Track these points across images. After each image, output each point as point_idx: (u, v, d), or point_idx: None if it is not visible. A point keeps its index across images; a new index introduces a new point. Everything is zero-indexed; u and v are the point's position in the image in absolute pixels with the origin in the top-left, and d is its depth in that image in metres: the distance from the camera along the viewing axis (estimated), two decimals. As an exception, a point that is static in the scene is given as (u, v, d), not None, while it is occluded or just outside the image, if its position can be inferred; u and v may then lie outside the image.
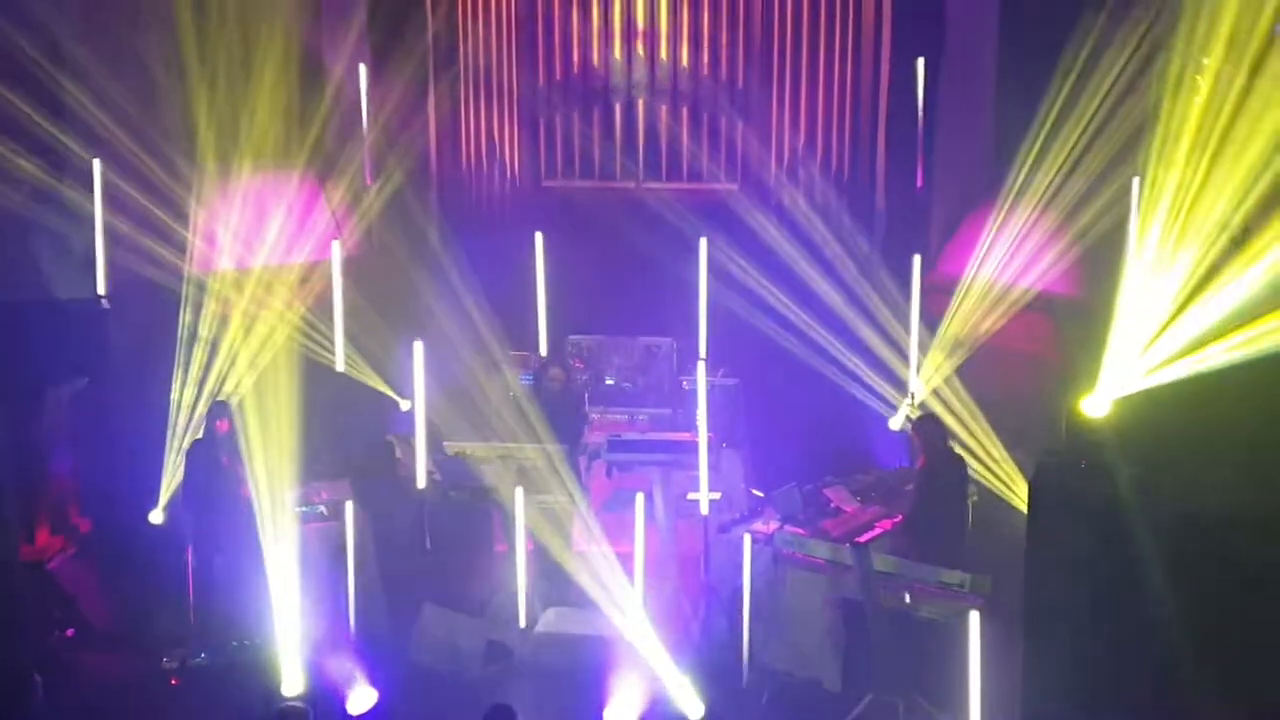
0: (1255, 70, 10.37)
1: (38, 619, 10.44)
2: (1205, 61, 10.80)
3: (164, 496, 11.40)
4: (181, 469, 11.02)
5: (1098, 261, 11.86)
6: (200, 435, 10.99)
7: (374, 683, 8.65)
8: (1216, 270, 10.00)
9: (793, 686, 10.01)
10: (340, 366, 12.80)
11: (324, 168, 14.00)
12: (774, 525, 10.27)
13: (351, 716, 8.42)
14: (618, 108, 14.86)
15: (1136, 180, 10.92)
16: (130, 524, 11.32)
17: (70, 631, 10.68)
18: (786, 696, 9.93)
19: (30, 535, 11.00)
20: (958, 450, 11.10)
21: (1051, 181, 12.65)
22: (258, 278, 12.80)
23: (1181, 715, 7.92)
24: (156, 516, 11.30)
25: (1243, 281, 9.41)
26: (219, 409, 10.93)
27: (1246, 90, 10.41)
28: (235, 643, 10.31)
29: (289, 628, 9.75)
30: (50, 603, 10.76)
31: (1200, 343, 9.10)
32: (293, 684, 9.59)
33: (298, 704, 8.02)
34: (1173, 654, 7.91)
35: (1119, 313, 9.81)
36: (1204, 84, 10.89)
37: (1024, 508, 8.92)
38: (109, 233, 11.80)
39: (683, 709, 9.20)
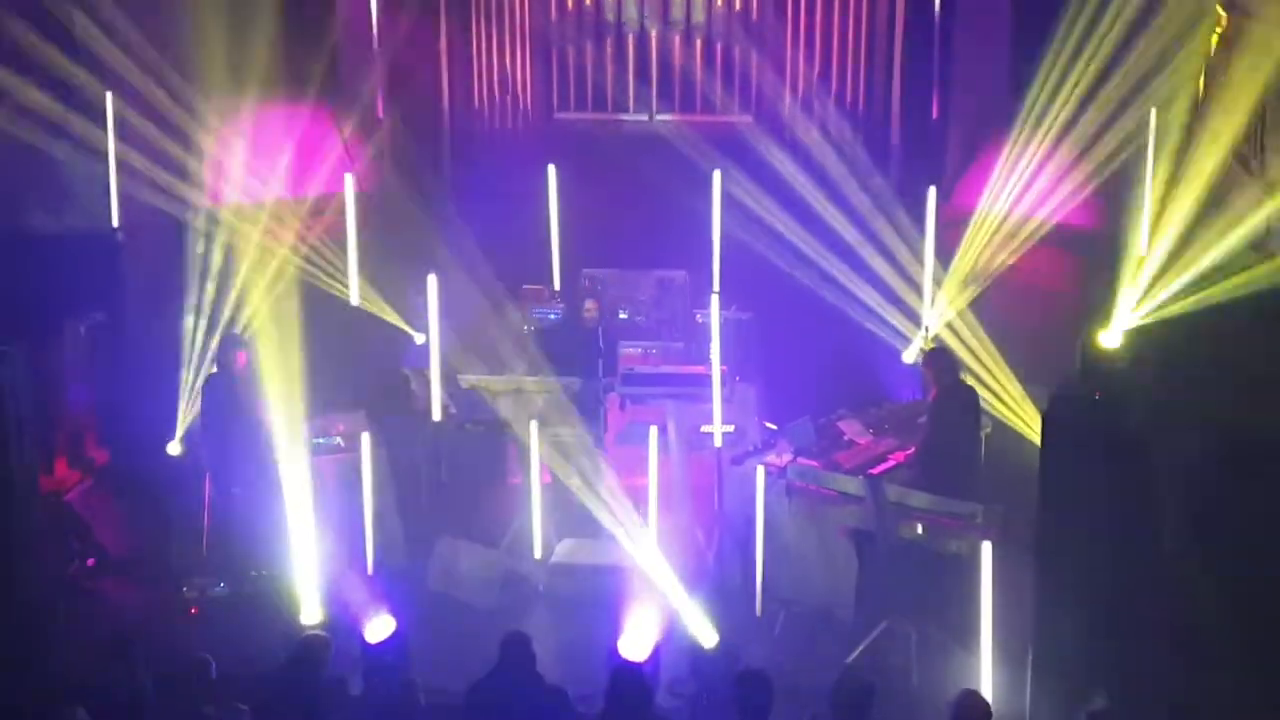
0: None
1: (57, 549, 10.54)
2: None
3: (180, 428, 11.46)
4: (198, 403, 11.07)
5: (1114, 193, 11.81)
6: (214, 369, 11.03)
7: (391, 612, 8.70)
8: (1232, 201, 9.97)
9: (805, 616, 10.09)
10: (354, 300, 12.81)
11: (336, 100, 13.94)
12: (787, 458, 10.31)
13: (369, 645, 8.48)
14: (631, 39, 14.77)
15: (1154, 111, 10.85)
16: (147, 455, 11.39)
17: (91, 561, 10.78)
18: (799, 626, 10.02)
19: (49, 467, 11.07)
20: (970, 382, 11.11)
21: (1068, 112, 12.56)
22: (271, 210, 12.79)
23: (1196, 645, 7.97)
24: (174, 448, 11.35)
25: (1258, 212, 9.39)
26: (233, 341, 10.96)
27: (1266, 21, 10.31)
28: (254, 573, 10.41)
29: (307, 558, 9.83)
30: (69, 533, 10.85)
31: (1215, 273, 9.09)
32: (311, 614, 9.68)
33: (319, 633, 8.10)
34: (1187, 584, 7.96)
35: (1134, 244, 9.80)
36: (1224, 14, 10.80)
37: (1037, 440, 8.94)
38: (122, 165, 11.77)
39: (697, 638, 9.26)
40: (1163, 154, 10.56)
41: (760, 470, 10.25)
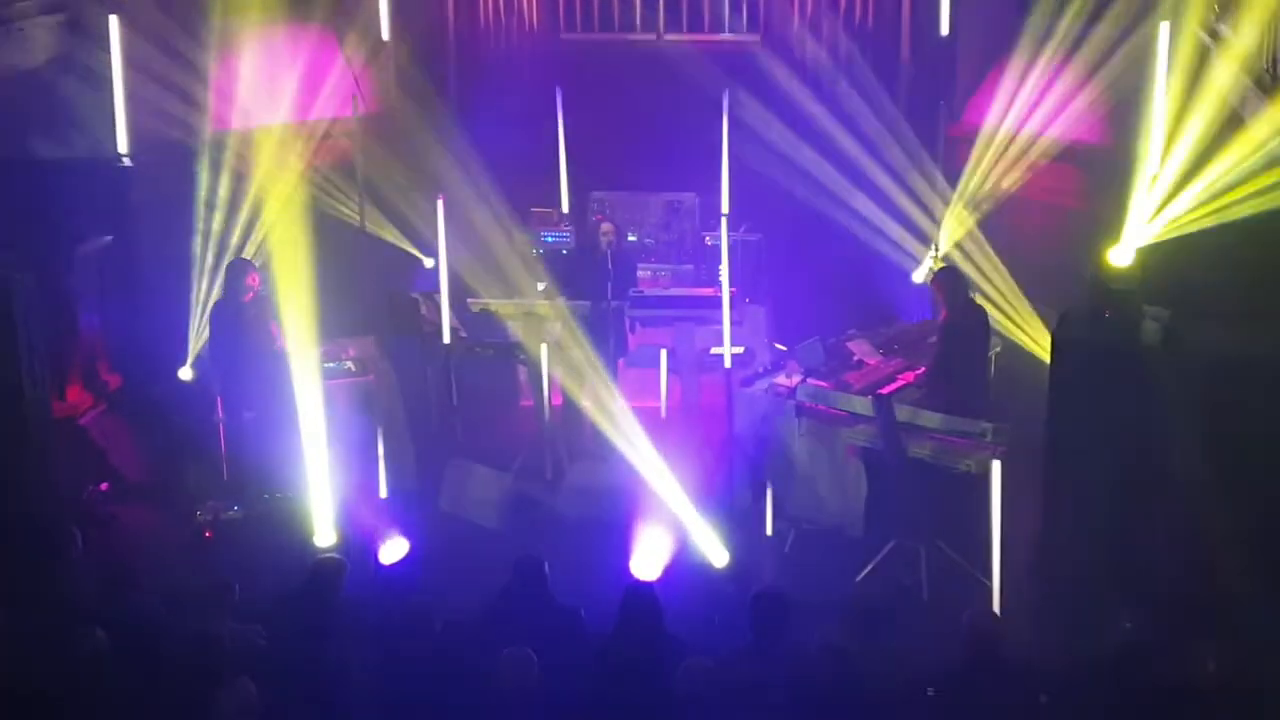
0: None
1: (72, 474, 10.62)
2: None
3: (192, 352, 11.49)
4: (207, 329, 11.09)
5: (1124, 110, 11.72)
6: (223, 295, 11.03)
7: (404, 535, 8.78)
8: (1243, 118, 9.90)
9: (816, 535, 10.15)
10: (363, 224, 12.79)
11: (341, 23, 13.85)
12: (797, 379, 10.33)
13: (383, 567, 8.56)
14: (637, -44, 14.62)
15: (1165, 25, 10.73)
16: (160, 380, 11.43)
17: (105, 485, 10.86)
18: (809, 544, 10.08)
19: (61, 392, 11.11)
20: (980, 301, 11.10)
21: (1078, 27, 12.43)
22: (277, 135, 12.74)
23: (1204, 561, 8.03)
24: (185, 373, 11.38)
25: (1269, 129, 9.32)
26: (242, 267, 10.95)
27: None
28: (268, 496, 10.48)
29: (321, 481, 9.89)
30: (83, 457, 10.92)
31: (1226, 190, 9.05)
32: (325, 536, 9.76)
33: (333, 555, 8.16)
34: (1195, 501, 8.00)
35: (1145, 162, 9.74)
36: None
37: (1047, 358, 8.96)
38: (128, 91, 11.72)
39: (708, 558, 9.34)
40: (1175, 69, 10.45)
41: (770, 391, 10.28)
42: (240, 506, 10.54)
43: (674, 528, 9.39)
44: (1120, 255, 8.79)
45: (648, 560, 8.93)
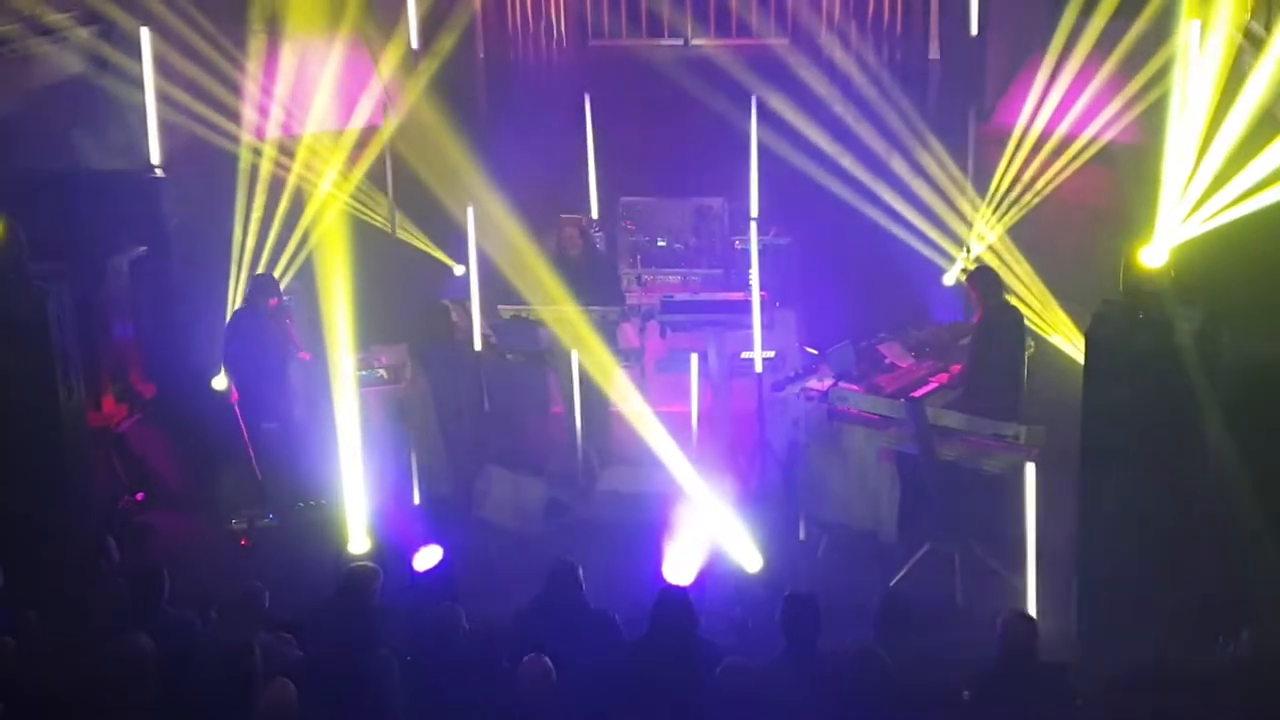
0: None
1: (108, 484, 10.67)
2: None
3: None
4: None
5: (1156, 108, 11.64)
6: (244, 305, 11.05)
7: (438, 541, 8.78)
8: (1277, 117, 9.81)
9: (849, 540, 10.11)
10: (394, 232, 12.82)
11: (372, 34, 13.91)
12: (828, 382, 10.29)
13: (417, 574, 8.56)
14: (665, -38, 14.64)
15: (1197, 24, 10.65)
16: (193, 390, 11.48)
17: (140, 495, 10.91)
18: (843, 549, 10.04)
19: (96, 403, 11.17)
20: (1014, 302, 11.04)
21: (1110, 25, 12.37)
22: (309, 144, 12.80)
23: (1239, 563, 7.96)
24: (219, 382, 11.44)
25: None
26: (268, 283, 10.97)
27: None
28: (302, 504, 10.51)
29: (354, 489, 9.91)
30: (120, 466, 10.97)
31: (1259, 188, 8.97)
32: (359, 544, 9.78)
33: (367, 564, 8.17)
34: (1230, 502, 7.93)
35: (1177, 160, 9.66)
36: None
37: (1080, 359, 8.90)
38: (162, 101, 11.79)
39: (741, 563, 9.31)
40: (1208, 68, 10.38)
41: (801, 395, 10.25)
42: (275, 515, 10.58)
43: (707, 533, 9.36)
44: (1153, 255, 8.71)
45: (680, 565, 8.90)
